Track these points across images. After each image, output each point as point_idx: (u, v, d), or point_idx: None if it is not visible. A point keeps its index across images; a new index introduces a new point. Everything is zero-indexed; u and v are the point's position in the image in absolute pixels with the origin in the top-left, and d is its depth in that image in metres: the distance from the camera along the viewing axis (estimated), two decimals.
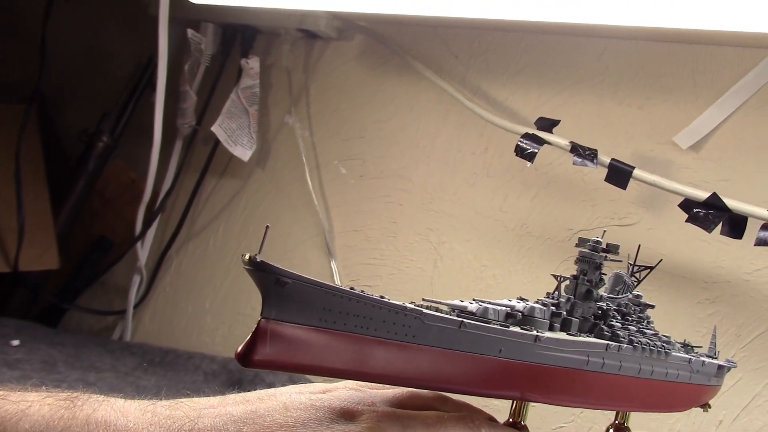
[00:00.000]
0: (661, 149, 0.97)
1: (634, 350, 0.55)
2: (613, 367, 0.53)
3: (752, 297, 0.90)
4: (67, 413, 0.45)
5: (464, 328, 0.46)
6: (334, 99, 1.23)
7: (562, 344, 0.50)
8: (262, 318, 0.40)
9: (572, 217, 1.02)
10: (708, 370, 0.63)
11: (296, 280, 0.40)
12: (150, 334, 1.34)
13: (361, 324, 0.42)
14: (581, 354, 0.51)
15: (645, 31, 0.97)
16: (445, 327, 0.45)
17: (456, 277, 1.08)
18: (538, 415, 0.99)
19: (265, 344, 0.40)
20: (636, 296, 0.60)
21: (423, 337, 0.44)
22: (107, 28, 1.50)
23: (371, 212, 1.17)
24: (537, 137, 0.95)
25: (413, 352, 0.44)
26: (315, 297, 0.41)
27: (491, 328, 0.47)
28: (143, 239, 1.31)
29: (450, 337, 0.45)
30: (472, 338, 0.46)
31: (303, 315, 0.41)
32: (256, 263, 0.39)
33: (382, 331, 0.43)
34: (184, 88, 1.26)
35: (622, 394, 0.56)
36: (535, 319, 0.51)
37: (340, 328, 0.42)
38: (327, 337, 0.42)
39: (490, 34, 1.10)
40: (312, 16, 1.17)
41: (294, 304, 0.41)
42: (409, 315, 0.44)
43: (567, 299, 0.56)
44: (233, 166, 1.30)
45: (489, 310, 0.49)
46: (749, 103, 0.93)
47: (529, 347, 0.48)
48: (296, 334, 0.41)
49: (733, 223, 0.85)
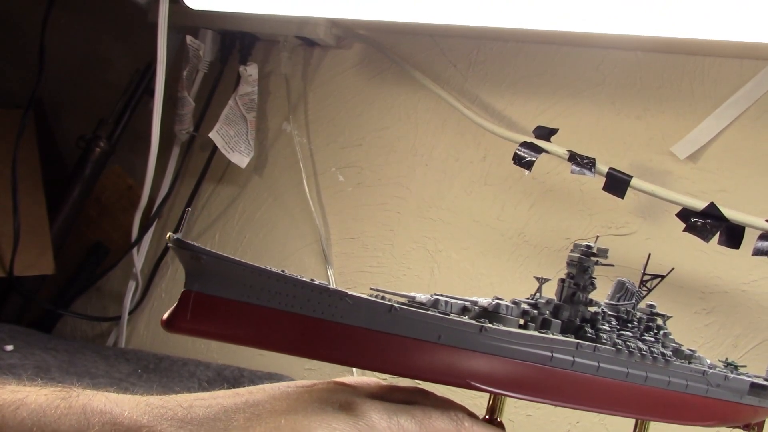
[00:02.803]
0: (658, 159, 0.97)
1: (618, 353, 0.55)
2: (588, 368, 0.53)
3: (749, 307, 0.90)
4: (63, 403, 0.45)
5: (395, 311, 0.47)
6: (332, 107, 1.23)
7: (515, 337, 0.50)
8: (185, 290, 0.45)
9: (570, 226, 1.02)
10: (735, 386, 0.61)
11: (210, 255, 0.44)
12: (145, 340, 1.33)
13: (284, 301, 0.45)
14: (543, 349, 0.51)
15: (643, 41, 0.97)
16: (373, 309, 0.47)
17: (453, 285, 1.08)
18: (533, 424, 0.99)
19: (185, 313, 0.44)
20: (649, 305, 0.60)
21: (352, 317, 0.46)
22: (105, 35, 1.50)
23: (368, 220, 1.17)
24: (535, 146, 0.95)
25: (342, 331, 0.46)
26: (233, 273, 0.45)
27: (425, 314, 0.48)
28: (139, 245, 1.30)
29: (381, 320, 0.47)
30: (406, 323, 0.47)
31: (224, 289, 0.45)
32: (175, 240, 0.44)
33: (307, 309, 0.46)
34: (182, 95, 1.26)
35: (604, 396, 0.55)
36: (502, 316, 0.52)
37: (262, 303, 0.45)
38: (248, 310, 0.45)
39: (489, 43, 1.11)
40: (311, 24, 1.17)
41: (215, 279, 0.44)
42: (333, 295, 0.46)
43: (547, 301, 0.56)
44: (230, 173, 1.30)
45: (440, 301, 0.50)
46: (747, 114, 0.93)
47: (472, 336, 0.49)
48: (216, 306, 0.45)
49: (731, 233, 0.85)
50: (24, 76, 1.41)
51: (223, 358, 1.21)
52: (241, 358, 1.19)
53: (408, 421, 0.46)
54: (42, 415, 0.45)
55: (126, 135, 1.36)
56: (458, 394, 0.55)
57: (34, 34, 1.34)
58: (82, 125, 1.38)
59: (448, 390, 0.52)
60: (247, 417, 0.45)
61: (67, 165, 1.43)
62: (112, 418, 0.44)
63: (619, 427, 0.94)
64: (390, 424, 0.45)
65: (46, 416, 0.45)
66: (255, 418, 0.45)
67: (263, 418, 0.44)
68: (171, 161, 1.31)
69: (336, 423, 0.44)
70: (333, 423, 0.44)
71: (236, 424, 0.44)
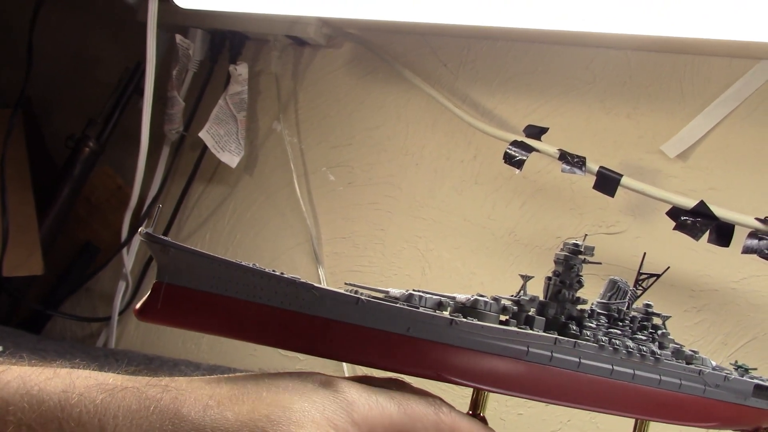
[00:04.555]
0: (648, 158, 0.97)
1: (601, 350, 0.55)
2: (568, 363, 0.53)
3: (739, 305, 0.91)
4: (47, 370, 0.46)
5: (361, 303, 0.48)
6: (323, 106, 1.23)
7: (487, 331, 0.51)
8: (156, 281, 0.47)
9: (560, 225, 1.02)
10: (737, 387, 0.60)
11: (177, 248, 0.47)
12: (135, 341, 1.33)
13: (251, 292, 0.47)
14: (518, 344, 0.52)
15: (633, 40, 0.98)
16: (339, 301, 0.48)
17: (444, 285, 1.08)
18: (524, 423, 0.99)
19: (156, 302, 0.47)
20: (646, 305, 0.60)
21: (318, 309, 0.48)
22: (94, 34, 1.49)
23: (359, 219, 1.17)
24: (526, 145, 0.95)
25: (308, 322, 0.48)
26: (200, 265, 0.47)
27: (392, 306, 0.49)
28: (129, 245, 1.30)
29: (347, 312, 0.48)
30: (373, 314, 0.49)
31: (192, 280, 0.47)
32: (146, 234, 0.47)
33: (273, 300, 0.47)
34: (172, 94, 1.25)
35: (587, 392, 0.55)
36: (480, 312, 0.52)
37: (229, 294, 0.47)
38: (215, 301, 0.47)
39: (479, 42, 1.11)
40: (301, 23, 1.17)
41: (184, 271, 0.47)
42: (300, 287, 0.48)
43: (531, 298, 0.56)
44: (221, 173, 1.30)
45: (414, 296, 0.51)
46: (736, 113, 0.93)
47: (442, 329, 0.50)
48: (185, 296, 0.47)
49: (721, 232, 0.85)
50: (12, 75, 1.40)
51: (214, 359, 1.21)
52: (232, 359, 1.18)
53: (387, 402, 0.47)
54: (28, 378, 0.45)
55: (115, 134, 1.36)
56: (446, 391, 0.55)
57: (22, 32, 1.34)
58: (72, 125, 1.37)
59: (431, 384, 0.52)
60: (230, 387, 0.46)
61: (57, 165, 1.42)
62: (98, 381, 0.45)
63: (611, 425, 0.94)
64: (369, 402, 0.46)
65: (31, 379, 0.45)
66: (239, 388, 0.45)
67: (247, 389, 0.45)
68: (161, 161, 1.31)
69: (316, 397, 0.45)
70: (313, 397, 0.45)
71: (220, 392, 0.45)
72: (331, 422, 0.44)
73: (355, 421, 0.45)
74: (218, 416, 0.43)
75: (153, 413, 0.43)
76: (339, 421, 0.44)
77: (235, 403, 0.44)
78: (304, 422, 0.43)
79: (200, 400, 0.44)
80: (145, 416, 0.43)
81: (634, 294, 0.60)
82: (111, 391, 0.44)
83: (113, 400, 0.44)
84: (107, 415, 0.43)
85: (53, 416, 0.44)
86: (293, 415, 0.43)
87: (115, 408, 0.44)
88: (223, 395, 0.45)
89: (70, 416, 0.44)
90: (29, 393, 0.44)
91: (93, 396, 0.44)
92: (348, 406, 0.45)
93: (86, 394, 0.44)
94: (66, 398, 0.44)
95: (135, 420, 0.43)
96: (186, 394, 0.44)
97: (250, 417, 0.43)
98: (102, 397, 0.44)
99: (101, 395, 0.44)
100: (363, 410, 0.46)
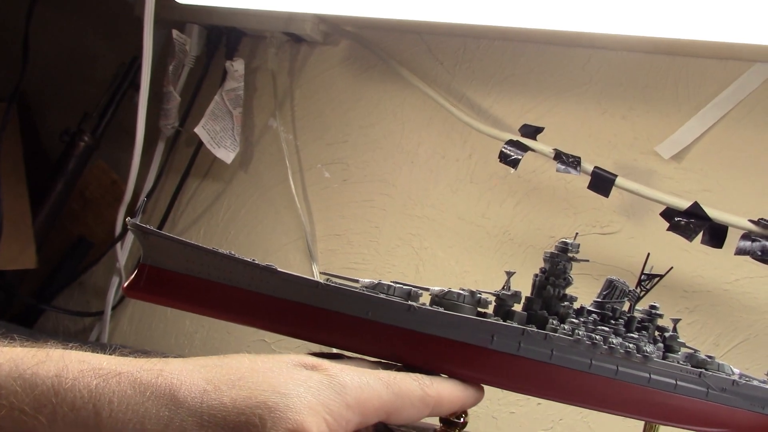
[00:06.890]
0: (643, 159, 0.98)
1: (577, 344, 0.55)
2: (538, 354, 0.54)
3: (731, 306, 0.91)
4: (40, 352, 0.46)
5: (321, 287, 0.54)
6: (319, 103, 1.23)
7: (448, 318, 0.54)
8: (141, 263, 0.54)
9: (554, 225, 1.02)
10: (749, 394, 0.57)
11: (157, 235, 0.54)
12: (128, 336, 1.33)
13: (222, 275, 0.54)
14: (481, 332, 0.54)
15: (629, 41, 0.98)
16: (301, 284, 0.54)
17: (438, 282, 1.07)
18: (515, 422, 0.99)
19: (140, 281, 0.54)
20: (651, 306, 0.60)
21: (283, 291, 0.53)
22: (90, 29, 1.49)
23: (354, 216, 1.17)
24: (521, 144, 0.96)
25: (272, 303, 0.54)
26: (177, 250, 0.54)
27: (352, 291, 0.54)
28: (123, 240, 1.30)
29: (308, 294, 0.53)
30: (333, 298, 0.53)
31: (171, 263, 0.54)
32: (131, 223, 0.54)
33: (242, 282, 0.54)
34: (168, 89, 1.25)
35: (562, 385, 0.55)
36: (453, 303, 0.55)
37: (202, 276, 0.54)
38: (190, 282, 0.54)
39: (476, 42, 1.11)
40: (298, 20, 1.17)
41: (164, 255, 0.54)
42: (263, 271, 0.53)
43: (514, 293, 0.58)
44: (216, 169, 1.30)
45: (382, 285, 0.55)
46: (731, 115, 0.94)
47: (401, 314, 0.54)
48: (164, 277, 0.54)
49: (714, 233, 0.85)
50: (7, 69, 1.39)
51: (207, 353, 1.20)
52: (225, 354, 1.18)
53: (376, 382, 0.49)
54: (20, 361, 0.45)
55: (111, 129, 1.35)
56: None
57: (18, 27, 1.33)
58: (67, 119, 1.37)
59: None
60: (226, 371, 0.46)
61: (51, 159, 1.42)
62: (91, 365, 0.45)
63: (603, 424, 0.94)
64: (361, 384, 0.48)
65: (24, 362, 0.45)
66: (235, 372, 0.46)
67: (243, 373, 0.46)
68: (156, 156, 1.31)
69: (311, 382, 0.46)
70: (308, 382, 0.46)
71: (216, 376, 0.46)
72: (326, 406, 0.45)
73: (348, 404, 0.47)
74: (215, 402, 0.44)
75: (149, 399, 0.44)
76: (333, 405, 0.46)
77: (232, 387, 0.45)
78: (300, 407, 0.44)
79: (197, 385, 0.45)
80: (141, 402, 0.44)
81: (635, 294, 0.60)
82: (105, 376, 0.44)
83: (108, 385, 0.44)
84: (102, 400, 0.44)
85: (47, 401, 0.44)
86: (290, 400, 0.44)
87: (110, 393, 0.44)
88: (219, 380, 0.45)
89: (64, 401, 0.44)
90: (22, 377, 0.44)
91: (87, 381, 0.44)
92: (341, 389, 0.47)
93: (80, 378, 0.44)
94: (59, 383, 0.44)
95: (131, 406, 0.44)
96: (182, 379, 0.45)
97: (247, 403, 0.44)
98: (96, 382, 0.44)
99: (95, 380, 0.44)
100: (355, 393, 0.47)
